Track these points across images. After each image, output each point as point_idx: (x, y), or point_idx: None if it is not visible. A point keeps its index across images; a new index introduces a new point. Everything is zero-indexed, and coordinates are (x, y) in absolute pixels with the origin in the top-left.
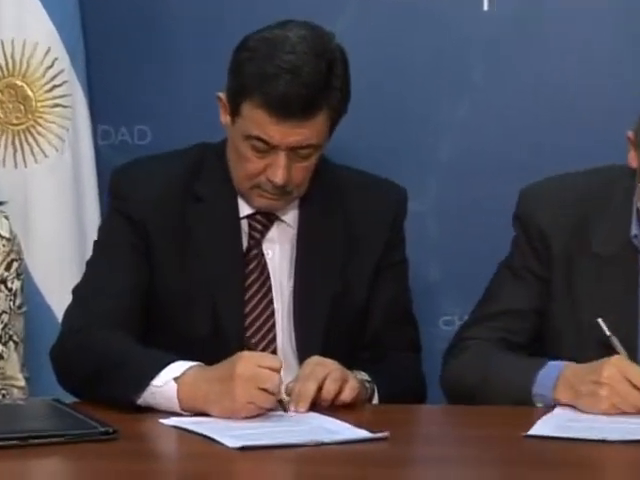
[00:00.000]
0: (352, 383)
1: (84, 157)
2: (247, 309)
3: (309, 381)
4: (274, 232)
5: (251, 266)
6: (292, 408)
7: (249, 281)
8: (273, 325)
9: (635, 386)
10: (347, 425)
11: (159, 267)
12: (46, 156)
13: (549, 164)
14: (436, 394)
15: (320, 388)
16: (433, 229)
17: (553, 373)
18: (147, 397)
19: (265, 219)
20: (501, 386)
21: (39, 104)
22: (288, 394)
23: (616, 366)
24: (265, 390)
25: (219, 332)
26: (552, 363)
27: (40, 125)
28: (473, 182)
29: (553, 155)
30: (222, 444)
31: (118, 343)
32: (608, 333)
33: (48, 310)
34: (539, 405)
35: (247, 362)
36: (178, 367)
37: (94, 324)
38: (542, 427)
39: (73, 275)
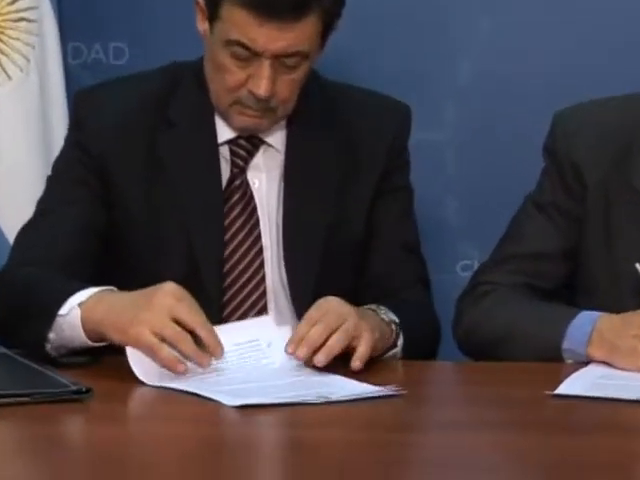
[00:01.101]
0: (368, 335)
1: (52, 78)
2: (230, 247)
3: (319, 327)
4: (260, 158)
5: (235, 198)
6: (290, 350)
7: (233, 215)
8: (262, 264)
9: None
10: (353, 381)
11: (124, 205)
12: (9, 77)
13: (581, 88)
14: (452, 348)
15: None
16: (451, 162)
17: (587, 325)
18: (57, 331)
19: (249, 144)
20: (525, 339)
21: (0, 18)
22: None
23: None
24: (179, 323)
25: (197, 276)
26: (585, 313)
27: (2, 42)
28: (496, 109)
29: (586, 78)
30: (215, 401)
31: (37, 278)
32: None
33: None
34: (569, 362)
35: (171, 291)
36: (86, 293)
37: (27, 264)
38: (570, 386)
39: None
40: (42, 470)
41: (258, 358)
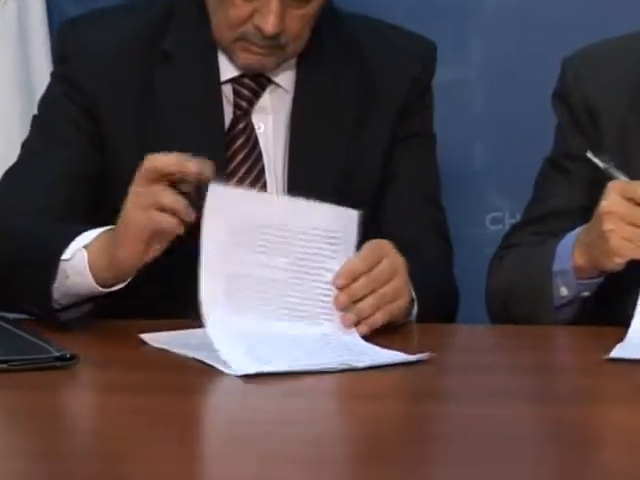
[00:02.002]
0: (400, 302)
1: (32, 6)
2: None
3: (368, 281)
4: (266, 99)
5: (238, 143)
6: (339, 282)
7: (236, 162)
8: None
9: None
10: (376, 347)
11: (115, 147)
12: None
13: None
14: (480, 311)
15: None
16: (478, 103)
17: (570, 241)
18: (60, 279)
19: (254, 83)
20: (522, 278)
21: None
22: None
23: (613, 190)
24: (164, 209)
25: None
26: (572, 232)
27: None
28: (529, 43)
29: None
30: (217, 369)
31: (27, 227)
32: (602, 165)
33: None
34: (563, 294)
35: (141, 175)
36: (90, 234)
37: (16, 212)
38: (624, 350)
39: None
40: (25, 440)
41: (318, 274)
